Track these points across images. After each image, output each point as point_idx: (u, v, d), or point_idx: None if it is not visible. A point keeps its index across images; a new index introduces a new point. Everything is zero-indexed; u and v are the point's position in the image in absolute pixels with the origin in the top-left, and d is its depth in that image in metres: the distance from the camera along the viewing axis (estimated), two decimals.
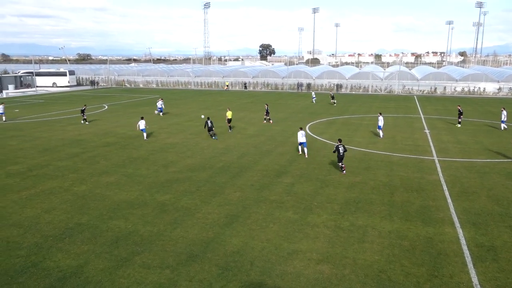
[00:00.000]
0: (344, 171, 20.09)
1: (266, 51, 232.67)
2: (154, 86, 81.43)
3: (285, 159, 22.79)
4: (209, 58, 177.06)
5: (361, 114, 41.06)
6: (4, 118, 37.45)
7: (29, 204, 16.15)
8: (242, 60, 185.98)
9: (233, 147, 25.93)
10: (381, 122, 28.42)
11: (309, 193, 17.32)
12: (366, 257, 12.12)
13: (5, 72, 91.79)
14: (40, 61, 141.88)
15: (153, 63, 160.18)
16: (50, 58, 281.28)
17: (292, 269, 11.49)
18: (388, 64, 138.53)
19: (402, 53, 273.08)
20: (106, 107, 47.10)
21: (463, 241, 13.05)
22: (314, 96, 53.54)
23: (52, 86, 78.13)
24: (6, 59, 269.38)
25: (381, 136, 28.50)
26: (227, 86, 73.90)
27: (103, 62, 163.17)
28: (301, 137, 23.45)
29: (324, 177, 19.45)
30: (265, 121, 35.66)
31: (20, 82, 76.60)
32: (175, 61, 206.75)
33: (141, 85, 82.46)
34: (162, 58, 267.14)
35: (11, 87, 71.93)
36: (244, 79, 76.46)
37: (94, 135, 29.99)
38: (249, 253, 12.34)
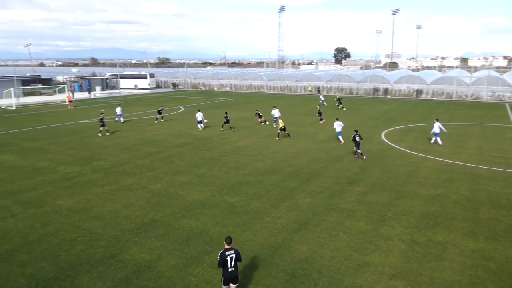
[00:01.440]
0: (356, 155, 23.77)
1: (341, 55, 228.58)
2: (228, 89, 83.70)
3: (357, 166, 22.15)
4: (283, 62, 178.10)
5: (442, 122, 38.65)
6: (122, 120, 38.22)
7: (110, 199, 17.39)
8: (316, 64, 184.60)
9: (304, 152, 25.77)
10: (437, 129, 27.59)
11: (383, 203, 16.66)
12: (445, 276, 11.35)
13: (94, 74, 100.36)
14: (124, 65, 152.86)
15: (228, 66, 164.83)
16: (133, 61, 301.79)
17: (362, 282, 11.10)
18: (476, 69, 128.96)
19: (492, 56, 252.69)
20: (182, 109, 49.32)
21: None
22: (322, 99, 53.84)
23: (134, 88, 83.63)
24: (95, 62, 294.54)
25: (432, 141, 27.98)
26: (310, 90, 73.68)
27: (181, 65, 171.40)
28: (337, 126, 28.19)
29: (400, 188, 18.59)
30: (321, 122, 37.29)
31: (106, 84, 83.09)
32: (248, 65, 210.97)
33: (215, 88, 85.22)
34: (236, 61, 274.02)
35: (98, 88, 78.32)
36: (318, 83, 75.74)
37: (170, 136, 31.53)
38: (318, 261, 12.15)
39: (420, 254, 12.53)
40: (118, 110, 39.28)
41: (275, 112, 35.46)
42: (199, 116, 34.37)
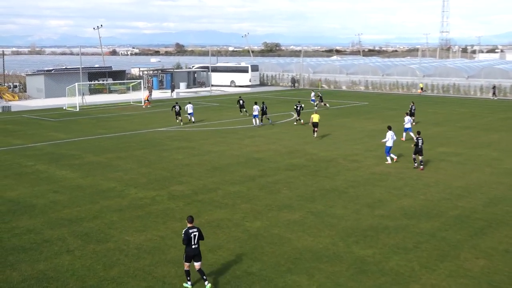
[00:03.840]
0: (422, 166, 27.61)
1: None
2: (362, 88, 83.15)
3: None
4: (448, 49, 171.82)
5: None
6: (193, 119, 45.88)
7: None
8: (502, 51, 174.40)
9: (478, 187, 24.45)
10: None
11: None
12: None
13: (178, 66, 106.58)
14: (218, 53, 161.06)
15: (363, 55, 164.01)
16: (230, 48, 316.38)
17: None
18: None
19: None
20: (294, 115, 50.11)
21: None
22: (313, 98, 59.37)
23: (230, 86, 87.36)
24: (180, 50, 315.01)
25: None
26: (421, 89, 73.76)
27: (295, 54, 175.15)
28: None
29: None
30: (414, 123, 40.71)
31: (193, 80, 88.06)
32: (394, 53, 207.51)
33: (343, 87, 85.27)
34: (376, 48, 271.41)
35: (182, 85, 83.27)
36: (503, 81, 71.35)
37: (276, 153, 32.23)
38: None
39: None
40: (189, 107, 45.88)
41: (407, 122, 36.95)
42: (256, 109, 43.08)
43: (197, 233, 14.29)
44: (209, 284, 14.14)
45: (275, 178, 26.39)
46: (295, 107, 45.24)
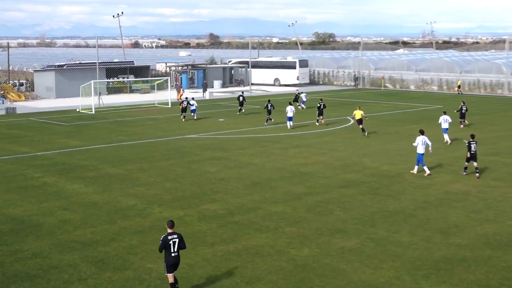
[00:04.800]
0: (477, 174, 29.42)
1: None
2: (435, 88, 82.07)
3: None
4: None
5: None
6: (195, 117, 51.45)
7: (225, 266, 18.27)
8: None
9: None
10: None
11: None
12: None
13: (212, 61, 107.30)
14: (260, 45, 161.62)
15: (436, 48, 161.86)
16: (274, 40, 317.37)
17: None
18: None
19: None
20: (352, 121, 49.83)
21: None
22: (304, 100, 60.99)
23: (274, 84, 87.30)
24: (215, 41, 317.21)
25: None
26: (459, 87, 75.27)
27: (354, 47, 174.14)
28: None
29: None
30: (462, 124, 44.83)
31: (229, 77, 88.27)
32: (475, 46, 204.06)
33: (411, 87, 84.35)
34: (453, 40, 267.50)
35: (217, 83, 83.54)
36: None
37: (328, 167, 32.09)
38: None
39: None
40: (193, 104, 52.03)
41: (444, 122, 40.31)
42: (290, 110, 45.58)
43: (177, 240, 15.35)
44: None
45: (326, 196, 26.25)
46: (318, 105, 48.45)
